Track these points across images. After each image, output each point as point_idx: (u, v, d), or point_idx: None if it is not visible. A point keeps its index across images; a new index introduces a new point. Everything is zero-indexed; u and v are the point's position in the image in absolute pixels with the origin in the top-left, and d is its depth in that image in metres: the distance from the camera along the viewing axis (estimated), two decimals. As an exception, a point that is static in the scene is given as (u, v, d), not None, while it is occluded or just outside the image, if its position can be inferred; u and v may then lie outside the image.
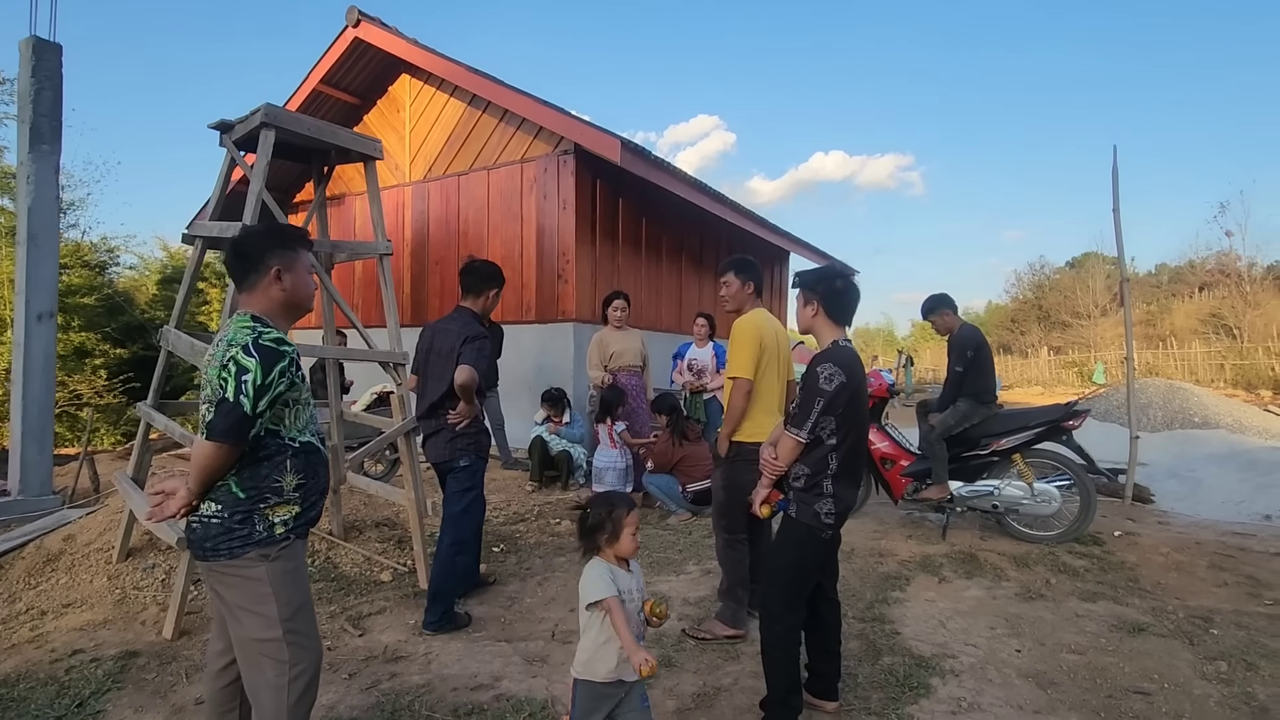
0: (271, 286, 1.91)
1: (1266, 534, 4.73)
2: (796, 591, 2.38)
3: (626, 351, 5.59)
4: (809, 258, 11.81)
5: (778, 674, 2.31)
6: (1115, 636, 3.07)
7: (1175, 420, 9.94)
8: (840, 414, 2.30)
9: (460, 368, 3.11)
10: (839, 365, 2.31)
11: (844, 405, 2.30)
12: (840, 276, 2.54)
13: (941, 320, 4.74)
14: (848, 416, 2.32)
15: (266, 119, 3.27)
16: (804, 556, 2.38)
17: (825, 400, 2.29)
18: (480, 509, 3.44)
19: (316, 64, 8.52)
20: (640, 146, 6.86)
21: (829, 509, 2.33)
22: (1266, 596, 3.55)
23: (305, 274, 1.98)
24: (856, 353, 2.48)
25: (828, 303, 2.48)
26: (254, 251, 1.91)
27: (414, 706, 2.55)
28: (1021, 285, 39.72)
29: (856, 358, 2.42)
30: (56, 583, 3.67)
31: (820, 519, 2.33)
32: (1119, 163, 5.73)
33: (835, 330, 2.48)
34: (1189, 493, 6.47)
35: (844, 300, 2.49)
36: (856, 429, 2.37)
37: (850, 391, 2.30)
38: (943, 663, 2.83)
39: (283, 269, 1.91)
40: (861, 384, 2.38)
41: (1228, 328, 25.37)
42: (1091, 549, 4.22)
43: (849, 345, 2.46)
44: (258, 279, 1.90)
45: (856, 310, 2.58)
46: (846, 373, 2.31)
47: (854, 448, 2.37)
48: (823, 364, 2.34)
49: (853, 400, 2.32)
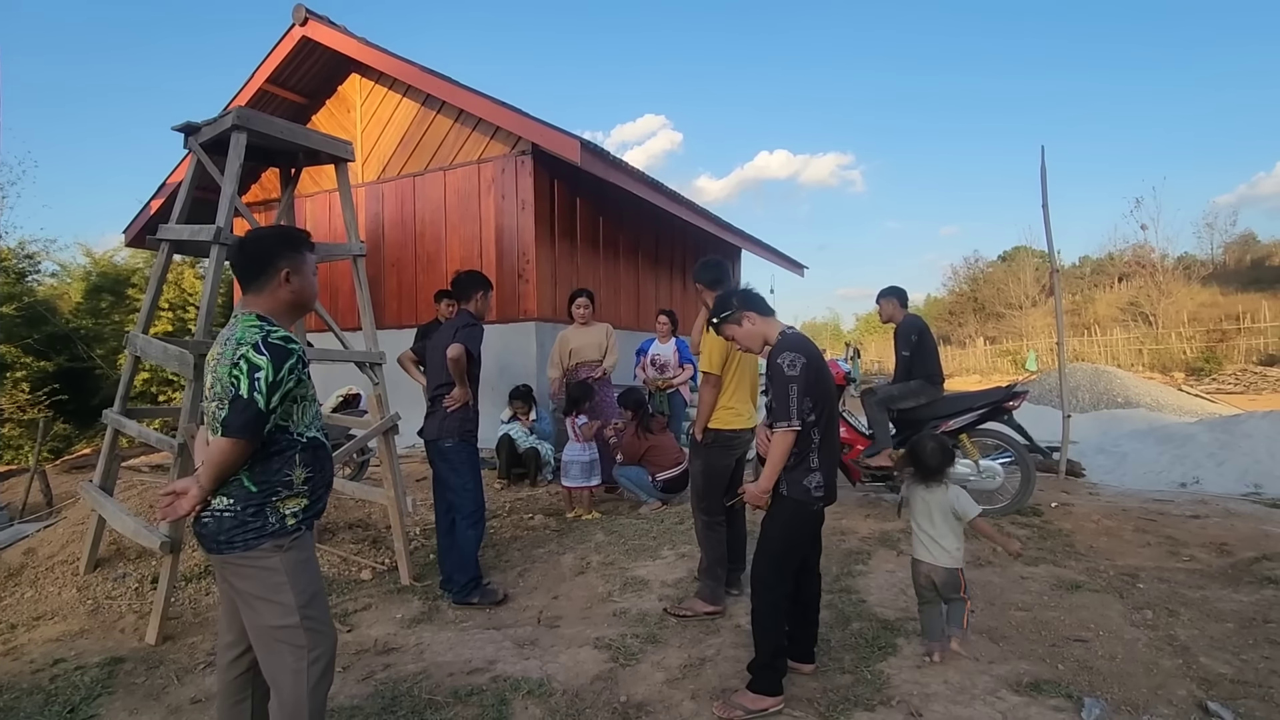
0: (280, 288, 1.97)
1: (1182, 499, 5.19)
2: (787, 563, 2.54)
3: (585, 347, 5.71)
4: (760, 254, 12.14)
5: (765, 639, 2.47)
6: (1056, 594, 3.38)
7: (1101, 401, 10.67)
8: (812, 391, 2.47)
9: (451, 345, 3.39)
10: (796, 350, 2.49)
11: (813, 382, 2.47)
12: (740, 289, 2.82)
13: (885, 306, 5.03)
14: (818, 391, 2.49)
15: (238, 121, 3.27)
16: (795, 530, 2.55)
17: (798, 385, 2.45)
18: (475, 486, 3.59)
19: (262, 63, 8.33)
20: (599, 147, 6.99)
21: (818, 482, 2.49)
22: (1184, 554, 3.93)
23: (311, 275, 2.05)
24: (802, 334, 2.67)
25: (753, 307, 2.68)
26: (264, 254, 1.97)
27: (413, 692, 2.63)
28: (958, 279, 41.42)
29: (806, 338, 2.62)
30: (22, 596, 3.58)
31: (810, 493, 2.49)
32: (1046, 162, 6.17)
33: (775, 323, 2.67)
34: (1115, 466, 7.00)
35: (759, 299, 2.72)
36: (828, 402, 2.54)
37: (814, 368, 2.48)
38: (906, 625, 3.07)
39: (291, 271, 1.98)
40: (819, 359, 2.55)
41: (1144, 315, 27.12)
42: (1032, 519, 4.56)
43: (793, 330, 2.65)
44: (266, 281, 1.96)
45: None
46: (804, 353, 2.49)
47: (830, 420, 2.54)
48: (781, 354, 2.50)
49: (818, 376, 2.49)
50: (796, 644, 2.69)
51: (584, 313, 5.72)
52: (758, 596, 2.55)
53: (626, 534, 4.50)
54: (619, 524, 4.77)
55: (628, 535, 4.47)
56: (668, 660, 2.83)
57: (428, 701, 2.56)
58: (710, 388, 3.30)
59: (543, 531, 4.79)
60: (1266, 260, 29.75)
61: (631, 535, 4.46)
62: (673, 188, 8.71)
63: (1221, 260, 31.07)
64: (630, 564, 3.96)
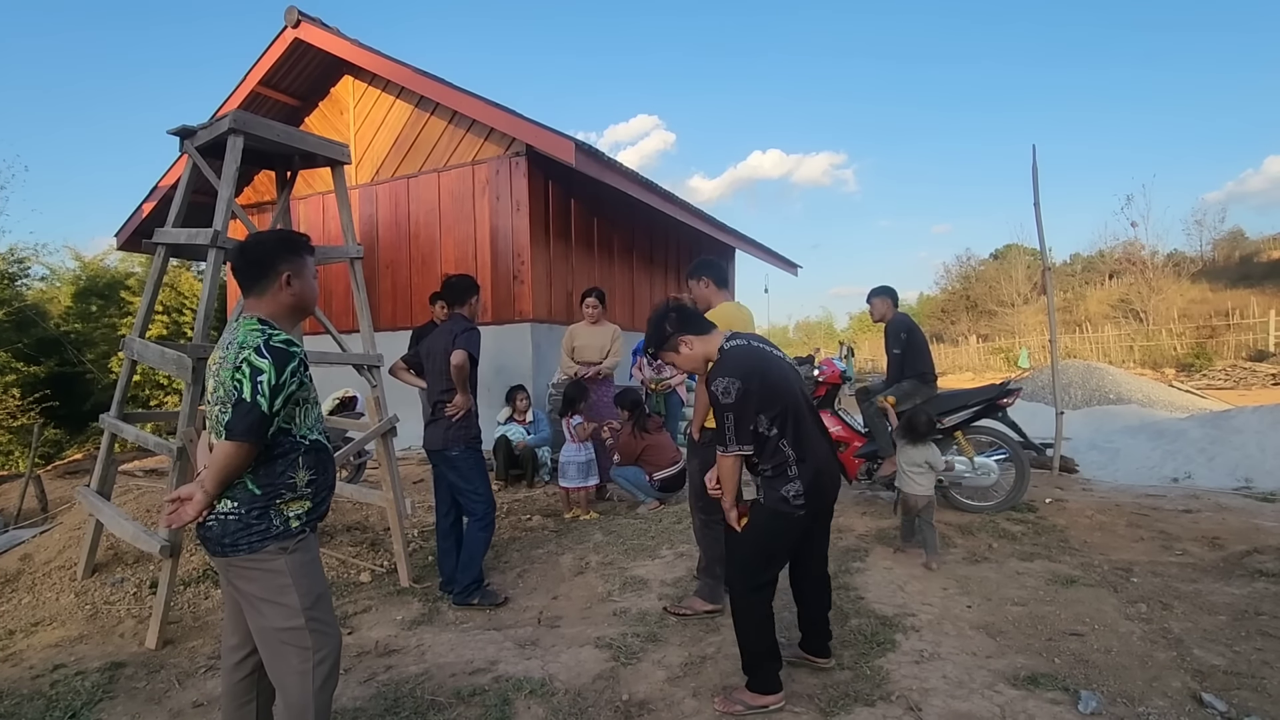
0: (281, 292, 1.97)
1: (1174, 494, 5.25)
2: (758, 568, 2.45)
3: (589, 347, 5.73)
4: (754, 254, 12.18)
5: (744, 641, 2.44)
6: (1051, 589, 3.42)
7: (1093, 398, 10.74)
8: (764, 407, 2.34)
9: (454, 351, 3.38)
10: (728, 374, 2.34)
11: (758, 399, 2.33)
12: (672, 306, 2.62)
13: (879, 305, 5.06)
14: (771, 403, 2.35)
15: (235, 125, 3.27)
16: (769, 537, 2.46)
17: (734, 412, 2.32)
18: (485, 489, 3.59)
19: (254, 65, 8.32)
20: (593, 148, 7.00)
21: (796, 490, 2.37)
22: (1176, 548, 3.98)
23: (311, 279, 2.06)
24: (745, 346, 2.48)
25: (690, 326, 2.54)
26: (265, 258, 1.97)
27: (415, 693, 2.64)
28: (950, 277, 41.60)
29: (746, 351, 2.44)
30: (19, 602, 3.57)
31: (789, 502, 2.38)
32: (1037, 160, 6.21)
33: (713, 338, 2.52)
34: (1108, 462, 7.06)
35: (693, 315, 2.61)
36: (789, 407, 2.38)
37: (755, 383, 2.33)
38: (904, 620, 3.10)
39: (292, 275, 1.98)
40: (764, 370, 2.39)
41: (1135, 312, 27.31)
42: (1027, 515, 4.60)
43: (735, 344, 2.47)
44: (267, 285, 1.97)
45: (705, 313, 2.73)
46: (739, 374, 2.33)
47: (798, 423, 2.39)
48: (715, 380, 2.37)
49: (764, 389, 2.34)
50: (810, 639, 2.70)
51: (593, 312, 5.73)
52: (731, 600, 2.53)
53: (625, 534, 4.51)
54: (617, 524, 4.79)
55: (626, 535, 4.48)
56: (669, 658, 2.85)
57: (430, 702, 2.57)
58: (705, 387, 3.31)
59: (541, 532, 4.80)
60: (1255, 256, 30.00)
61: (630, 535, 4.48)
62: (666, 188, 8.74)
63: (1211, 257, 31.31)
64: (629, 564, 3.98)
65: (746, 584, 2.46)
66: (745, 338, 2.54)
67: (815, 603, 2.68)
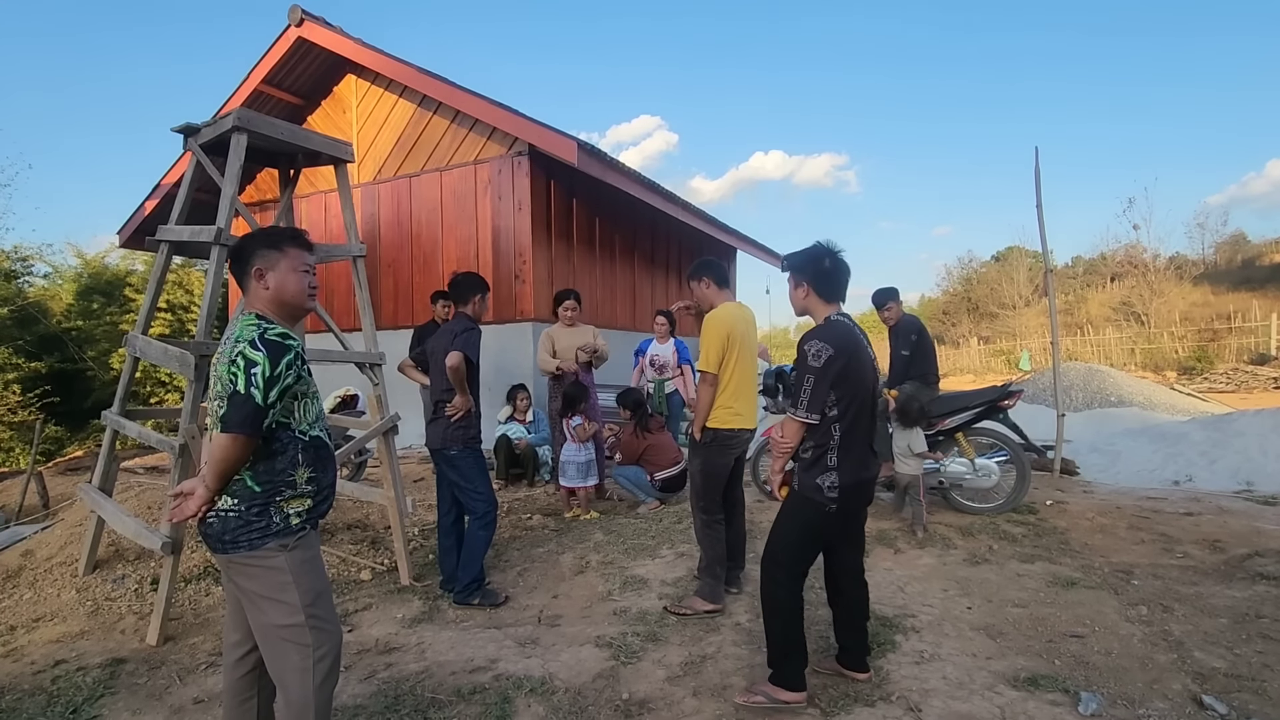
0: (257, 286, 1.96)
1: (1175, 497, 5.24)
2: (791, 559, 2.46)
3: (570, 348, 5.65)
4: (755, 254, 12.19)
5: (770, 631, 2.45)
6: (1052, 591, 3.42)
7: (1094, 400, 10.73)
8: (837, 386, 2.36)
9: (450, 353, 3.38)
10: (826, 340, 2.36)
11: (837, 376, 2.35)
12: (828, 255, 2.54)
13: (895, 308, 5.12)
14: (845, 387, 2.37)
15: (239, 123, 3.28)
16: (801, 527, 2.46)
17: (816, 376, 2.34)
18: (485, 488, 3.58)
19: (258, 64, 8.34)
20: (596, 148, 7.01)
21: (831, 482, 2.37)
22: (1177, 550, 3.98)
23: (291, 273, 1.99)
24: (850, 326, 2.50)
25: (817, 283, 2.52)
26: (241, 252, 1.98)
27: (416, 691, 2.64)
28: (951, 279, 41.56)
29: (849, 330, 2.46)
30: (21, 598, 3.57)
31: (822, 492, 2.38)
32: (1040, 163, 6.21)
33: (828, 307, 2.52)
34: (1109, 464, 7.05)
35: (833, 278, 2.52)
36: (858, 399, 2.41)
37: (843, 362, 2.35)
38: (905, 621, 3.10)
39: (264, 268, 1.96)
40: (856, 354, 2.40)
41: (1136, 315, 27.28)
42: (1027, 517, 4.60)
43: (842, 319, 2.49)
44: (245, 280, 1.97)
45: (847, 285, 2.59)
46: (835, 345, 2.35)
47: (857, 419, 2.41)
48: (809, 341, 2.38)
49: (847, 370, 2.36)
50: (847, 652, 2.63)
51: (571, 315, 5.68)
52: (761, 585, 2.51)
53: (625, 533, 4.52)
54: (617, 523, 4.79)
55: (626, 535, 4.48)
56: (669, 658, 2.85)
57: (430, 700, 2.57)
58: (708, 386, 3.31)
59: (541, 531, 4.80)
60: (1257, 260, 29.96)
61: (630, 535, 4.48)
62: (668, 189, 8.74)
63: (1213, 260, 31.28)
64: (629, 563, 3.98)
65: (779, 569, 2.47)
66: (850, 320, 2.54)
67: (851, 607, 2.62)
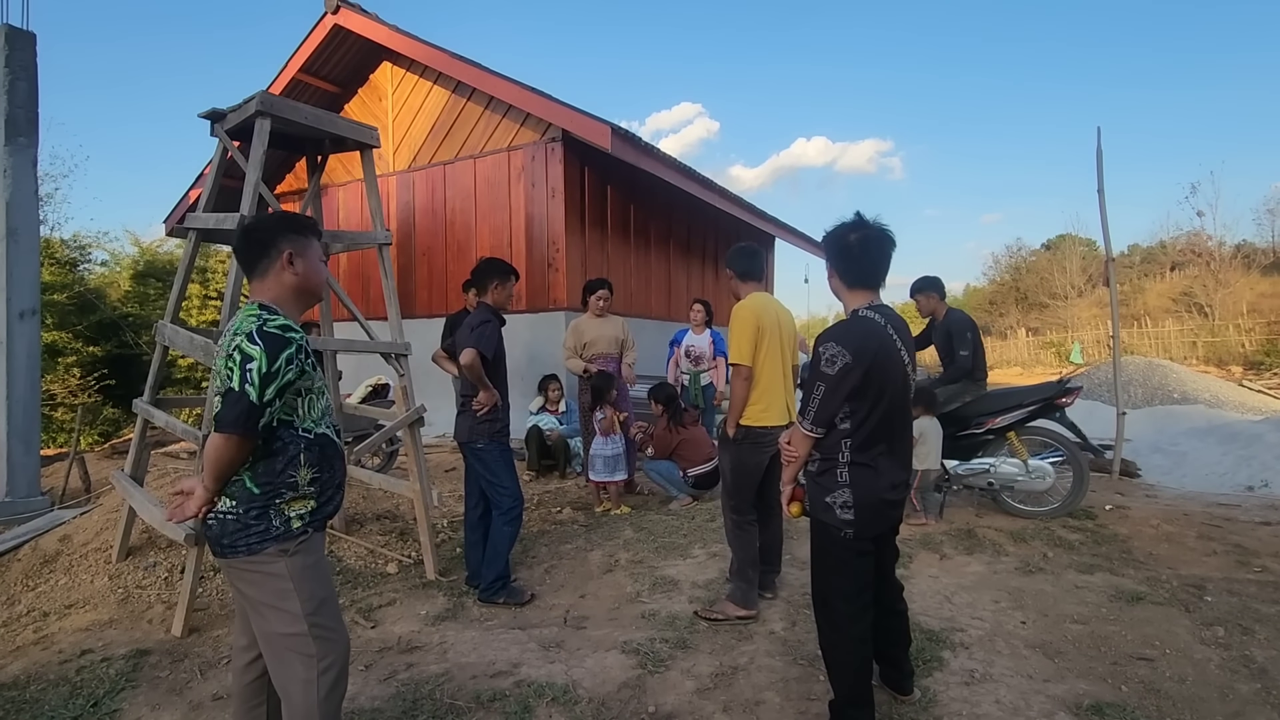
0: (284, 272, 1.87)
1: (1250, 504, 4.87)
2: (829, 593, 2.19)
3: (600, 340, 5.47)
4: (794, 243, 11.88)
5: (838, 679, 2.18)
6: (1115, 606, 3.16)
7: (1155, 397, 10.16)
8: (853, 398, 2.05)
9: (463, 351, 3.28)
10: (843, 344, 2.03)
11: (853, 388, 2.04)
12: (854, 229, 2.15)
13: (926, 301, 4.83)
14: (862, 399, 2.06)
15: (262, 107, 3.21)
16: (823, 556, 2.19)
17: (827, 385, 2.05)
18: (511, 483, 3.49)
19: (295, 52, 8.37)
20: (630, 133, 6.83)
21: (844, 500, 2.08)
22: (1255, 564, 3.66)
23: (317, 261, 1.95)
24: (877, 325, 2.11)
25: (842, 264, 2.15)
26: (267, 236, 1.88)
27: (435, 695, 2.55)
28: (999, 268, 40.20)
29: (875, 331, 2.09)
30: (56, 584, 3.61)
31: (834, 513, 2.10)
32: (1102, 144, 5.81)
33: (855, 297, 2.16)
34: (1173, 466, 6.63)
35: (860, 259, 2.14)
36: (879, 409, 2.08)
37: (861, 371, 2.02)
38: (952, 636, 2.89)
39: (295, 253, 1.88)
40: (880, 359, 2.05)
41: (1199, 306, 25.93)
42: (1085, 523, 4.31)
43: (870, 315, 2.12)
44: (269, 264, 1.87)
45: (883, 268, 2.17)
46: (853, 351, 2.02)
47: (876, 431, 2.09)
48: (825, 342, 2.06)
49: (866, 380, 2.04)
50: (889, 671, 2.39)
51: (603, 305, 5.52)
52: (821, 634, 2.26)
53: (656, 531, 4.38)
54: (648, 520, 4.65)
55: (657, 532, 4.34)
56: (698, 668, 2.70)
57: (449, 706, 2.48)
58: (742, 380, 3.10)
59: (571, 526, 4.69)
60: (1333, 248, 28.19)
61: (661, 532, 4.34)
62: (704, 175, 8.51)
63: (1284, 248, 29.52)
64: (660, 562, 3.84)
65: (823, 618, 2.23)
66: (883, 315, 2.14)
67: (886, 636, 2.33)
